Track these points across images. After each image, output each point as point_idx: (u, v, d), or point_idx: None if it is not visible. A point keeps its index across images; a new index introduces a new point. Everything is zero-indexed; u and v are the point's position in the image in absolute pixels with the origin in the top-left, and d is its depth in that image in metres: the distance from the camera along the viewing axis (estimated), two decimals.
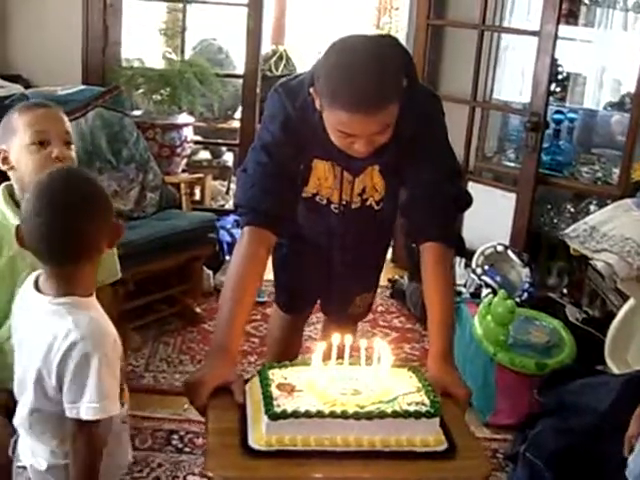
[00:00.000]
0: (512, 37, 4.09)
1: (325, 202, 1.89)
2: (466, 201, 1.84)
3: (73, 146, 1.80)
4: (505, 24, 3.99)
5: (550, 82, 3.48)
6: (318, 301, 2.31)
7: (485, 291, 3.15)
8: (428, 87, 1.90)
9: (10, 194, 1.77)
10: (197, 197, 4.41)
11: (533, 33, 3.54)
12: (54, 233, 1.31)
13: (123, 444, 1.53)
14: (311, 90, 1.63)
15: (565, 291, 3.39)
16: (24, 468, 1.47)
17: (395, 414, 1.39)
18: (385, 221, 2.01)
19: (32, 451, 1.44)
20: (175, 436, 2.52)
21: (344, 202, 1.89)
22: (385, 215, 1.96)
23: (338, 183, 1.84)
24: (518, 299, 3.07)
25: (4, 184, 1.80)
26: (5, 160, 1.75)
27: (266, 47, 5.53)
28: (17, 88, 3.44)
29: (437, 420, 1.41)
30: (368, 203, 1.90)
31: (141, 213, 3.38)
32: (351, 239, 2.01)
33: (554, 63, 3.53)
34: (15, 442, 1.50)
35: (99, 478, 1.38)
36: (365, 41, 1.59)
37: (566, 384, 2.37)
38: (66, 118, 1.80)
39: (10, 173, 1.78)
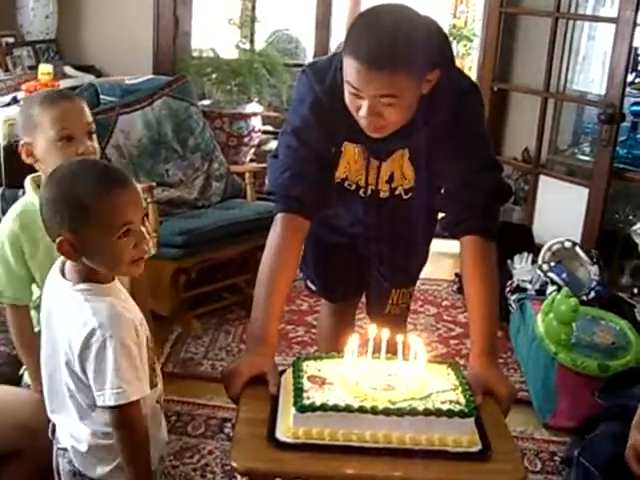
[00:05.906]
0: (593, 25, 3.93)
1: (354, 188, 1.83)
2: (504, 193, 1.76)
3: (94, 135, 1.81)
4: (582, 11, 3.84)
5: (627, 71, 3.32)
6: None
7: (551, 288, 3.03)
8: (468, 76, 1.83)
9: (38, 185, 1.79)
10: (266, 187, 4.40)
11: (610, 20, 3.39)
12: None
13: (158, 424, 1.53)
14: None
15: (636, 291, 3.24)
16: (65, 450, 1.48)
17: (427, 412, 1.34)
18: (418, 213, 1.92)
19: (71, 433, 1.46)
20: (228, 424, 2.53)
21: (371, 189, 1.83)
22: (417, 207, 1.88)
23: (365, 167, 1.79)
24: (585, 297, 2.95)
25: (32, 175, 1.83)
26: (30, 153, 1.77)
27: (342, 36, 5.48)
28: (88, 78, 3.54)
29: (471, 420, 1.36)
30: (397, 192, 1.83)
31: (206, 202, 3.41)
32: (381, 230, 1.95)
33: (633, 51, 3.38)
34: (54, 424, 1.51)
35: None
36: (398, 8, 1.53)
37: (629, 388, 2.25)
38: (86, 107, 1.81)
39: (36, 165, 1.80)
